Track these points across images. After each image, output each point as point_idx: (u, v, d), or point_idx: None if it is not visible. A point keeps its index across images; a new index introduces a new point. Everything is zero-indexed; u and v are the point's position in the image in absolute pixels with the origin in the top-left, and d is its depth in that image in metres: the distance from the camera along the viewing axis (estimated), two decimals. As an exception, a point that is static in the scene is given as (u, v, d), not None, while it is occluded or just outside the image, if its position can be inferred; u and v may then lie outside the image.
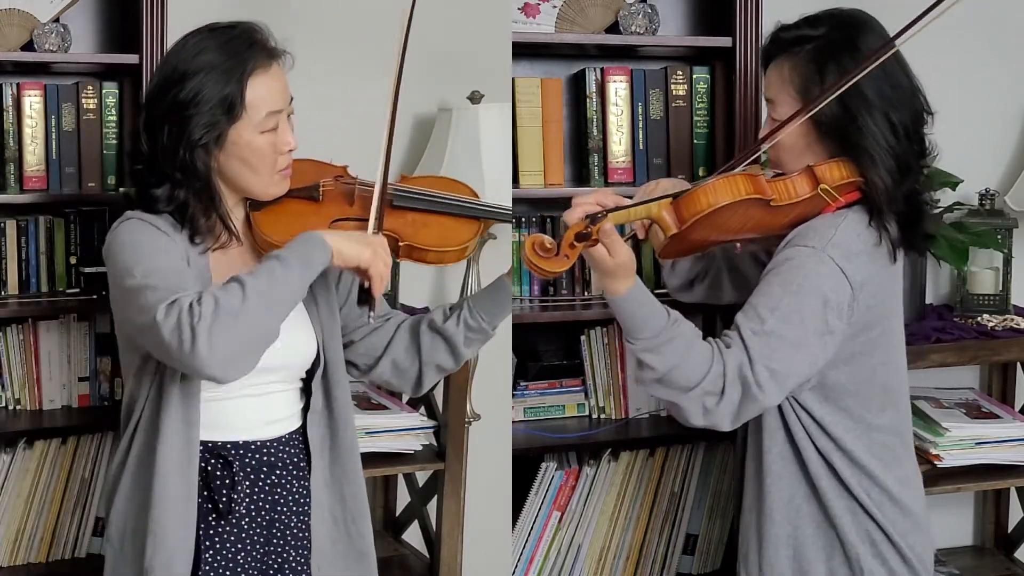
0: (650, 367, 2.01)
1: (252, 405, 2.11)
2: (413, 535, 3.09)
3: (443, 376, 2.31)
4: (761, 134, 2.21)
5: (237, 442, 2.10)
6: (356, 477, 2.21)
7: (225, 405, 2.09)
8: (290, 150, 2.09)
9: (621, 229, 2.09)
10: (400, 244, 2.14)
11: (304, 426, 2.18)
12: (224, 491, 2.07)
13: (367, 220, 2.10)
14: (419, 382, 2.28)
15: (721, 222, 2.06)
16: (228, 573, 2.07)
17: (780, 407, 2.14)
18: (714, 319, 3.00)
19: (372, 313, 2.08)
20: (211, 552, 2.06)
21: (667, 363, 2.00)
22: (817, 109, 2.07)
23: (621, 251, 1.98)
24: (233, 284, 1.90)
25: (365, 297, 2.07)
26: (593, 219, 1.95)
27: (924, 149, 2.17)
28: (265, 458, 2.12)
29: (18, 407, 2.79)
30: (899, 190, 2.11)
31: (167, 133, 2.02)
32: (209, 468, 2.07)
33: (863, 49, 2.10)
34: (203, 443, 2.06)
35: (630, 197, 2.12)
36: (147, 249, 1.99)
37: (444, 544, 2.89)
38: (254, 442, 2.11)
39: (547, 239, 1.94)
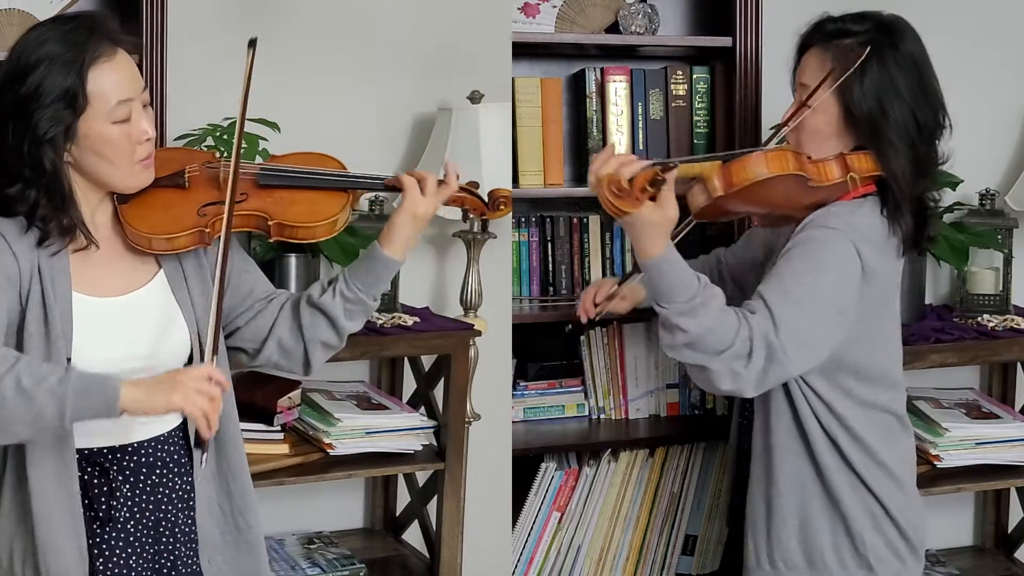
0: (682, 330, 2.03)
1: None
2: (413, 535, 3.08)
3: (330, 354, 2.21)
4: (785, 117, 2.26)
5: (113, 447, 2.02)
6: (242, 472, 2.15)
7: None
8: (148, 139, 2.01)
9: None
10: (270, 223, 2.09)
11: (184, 423, 2.10)
12: (103, 499, 2.01)
13: (234, 203, 2.04)
14: (307, 361, 2.19)
15: (762, 193, 2.12)
16: None
17: (787, 386, 2.18)
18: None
19: (204, 456, 1.99)
20: (101, 560, 2.01)
21: (701, 326, 2.03)
22: (840, 81, 2.14)
23: (672, 205, 2.02)
24: (10, 373, 1.83)
25: (196, 439, 1.98)
26: (664, 167, 1.98)
27: (938, 157, 2.25)
28: (144, 459, 2.05)
29: None
30: (913, 188, 2.18)
31: (12, 130, 1.95)
32: (86, 477, 2.00)
33: (903, 50, 2.18)
34: (79, 451, 1.98)
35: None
36: None
37: (444, 544, 2.89)
38: (130, 444, 2.04)
39: (624, 178, 1.98)
